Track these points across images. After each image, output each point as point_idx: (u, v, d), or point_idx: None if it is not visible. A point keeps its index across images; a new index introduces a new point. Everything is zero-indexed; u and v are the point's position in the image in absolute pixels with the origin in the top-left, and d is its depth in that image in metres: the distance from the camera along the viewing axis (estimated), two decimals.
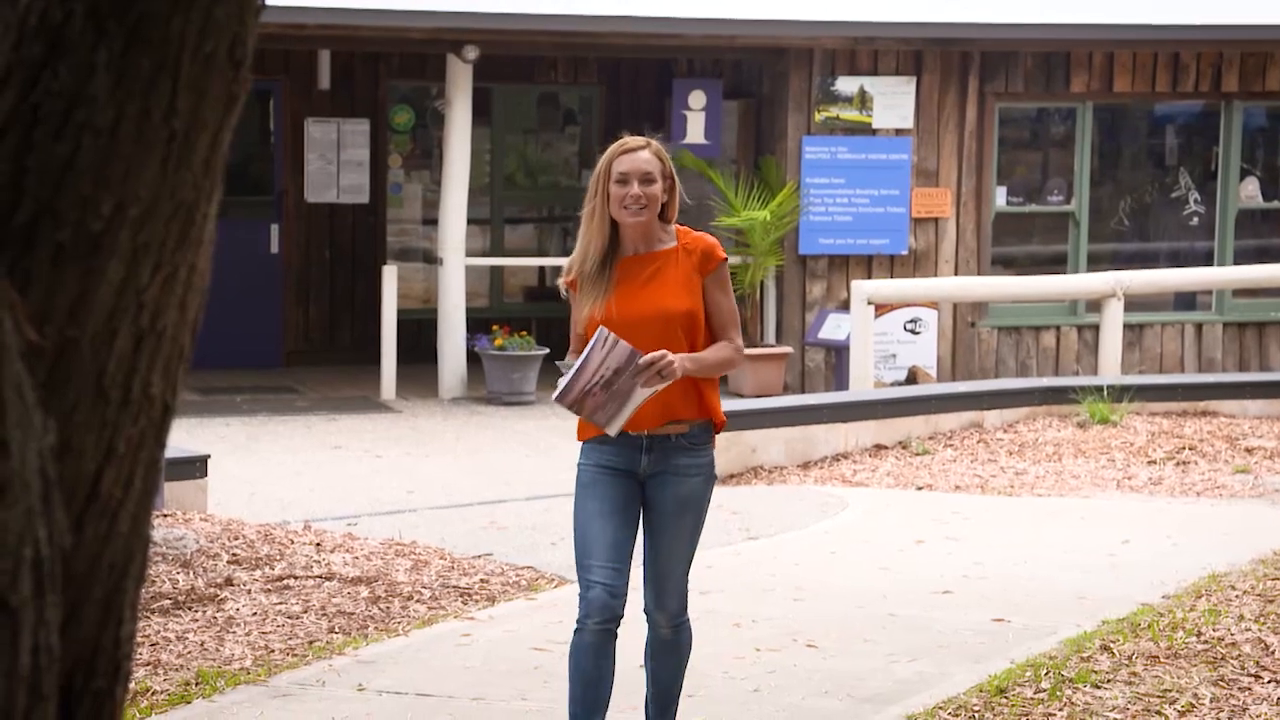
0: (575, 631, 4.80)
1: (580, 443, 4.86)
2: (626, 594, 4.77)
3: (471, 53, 13.45)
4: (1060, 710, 5.45)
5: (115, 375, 2.10)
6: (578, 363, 4.60)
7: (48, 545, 1.94)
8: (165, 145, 2.10)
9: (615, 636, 4.78)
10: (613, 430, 4.63)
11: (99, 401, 2.09)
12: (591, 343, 4.61)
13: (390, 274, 13.82)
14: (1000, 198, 14.71)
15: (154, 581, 7.09)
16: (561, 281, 4.89)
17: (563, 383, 4.61)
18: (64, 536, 1.99)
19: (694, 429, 4.79)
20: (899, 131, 14.35)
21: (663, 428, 4.73)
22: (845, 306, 13.85)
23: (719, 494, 9.91)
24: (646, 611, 4.88)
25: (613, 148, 4.83)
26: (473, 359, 13.88)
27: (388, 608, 6.90)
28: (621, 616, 4.77)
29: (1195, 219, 15.36)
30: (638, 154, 4.79)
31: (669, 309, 4.74)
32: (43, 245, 2.06)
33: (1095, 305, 13.97)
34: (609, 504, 4.74)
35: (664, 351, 4.62)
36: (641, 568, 4.87)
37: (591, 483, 4.77)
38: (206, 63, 2.11)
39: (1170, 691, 5.61)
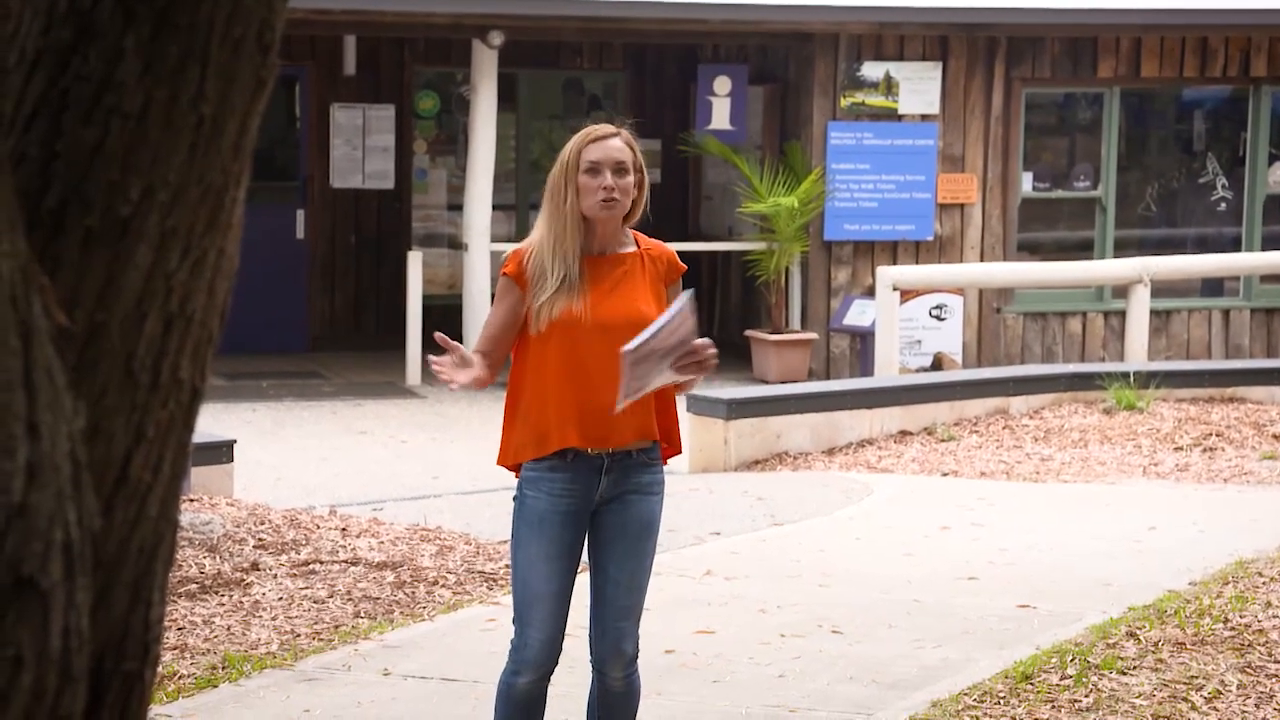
0: (505, 682, 4.39)
1: (521, 467, 4.36)
2: (563, 644, 4.38)
3: (497, 38, 13.45)
4: (1086, 697, 5.44)
5: (144, 359, 2.11)
6: (663, 318, 4.18)
7: (77, 528, 1.95)
8: (193, 130, 2.10)
9: (548, 682, 4.41)
10: (618, 406, 4.21)
11: (128, 385, 2.10)
12: (679, 303, 4.19)
13: (415, 259, 13.85)
14: (1026, 183, 14.66)
15: (181, 566, 7.12)
16: (506, 272, 4.35)
17: (642, 337, 4.16)
18: (94, 519, 2.00)
19: (653, 445, 4.39)
20: (925, 117, 14.31)
21: (627, 445, 4.33)
22: (870, 293, 13.83)
23: (745, 479, 9.93)
24: (596, 663, 4.42)
25: (578, 136, 4.36)
26: None
27: (413, 593, 6.92)
28: (556, 664, 4.39)
29: (1223, 204, 15.30)
30: (609, 141, 4.33)
31: (645, 314, 4.30)
32: (72, 229, 2.06)
33: (1122, 291, 13.92)
34: (556, 547, 4.31)
35: (709, 340, 4.26)
36: (591, 612, 4.41)
37: (540, 522, 4.31)
38: (235, 48, 2.11)
39: (1197, 678, 5.60)
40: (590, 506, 4.36)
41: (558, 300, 4.29)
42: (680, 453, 4.51)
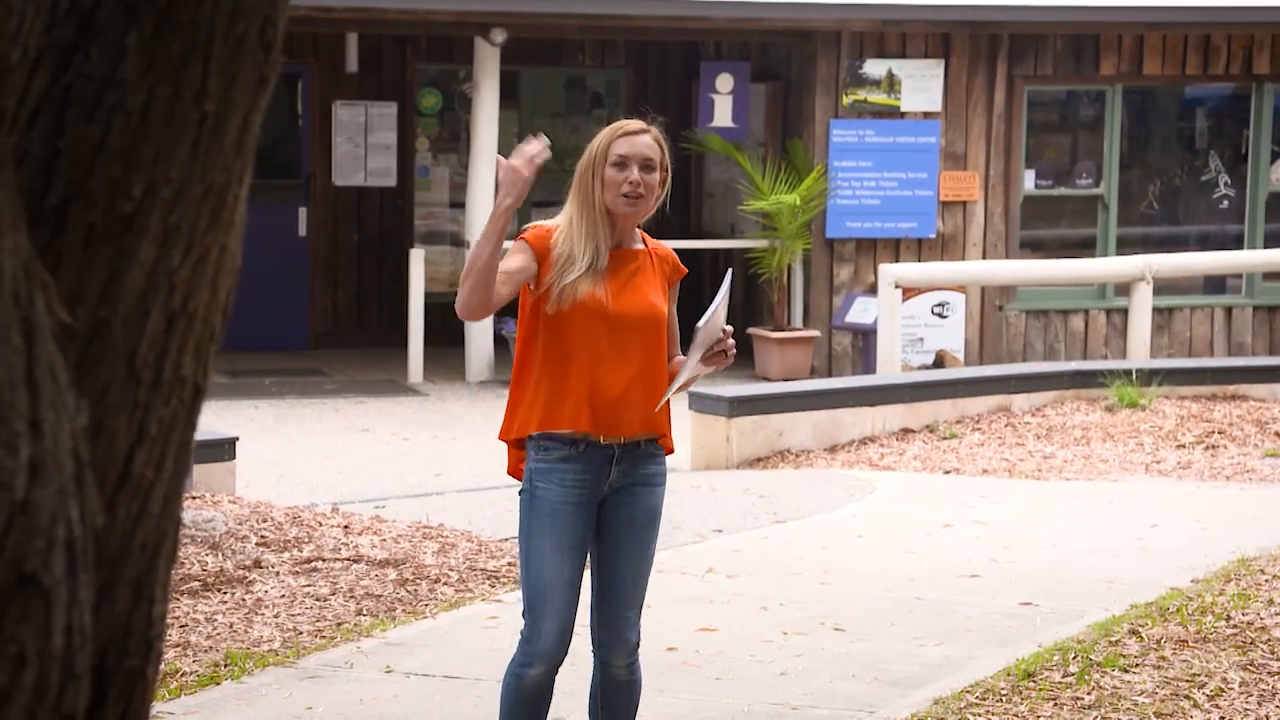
0: (514, 674, 4.40)
1: (532, 459, 4.38)
2: (573, 634, 4.41)
3: (499, 36, 13.45)
4: (1088, 694, 5.44)
5: (147, 356, 2.11)
6: (718, 298, 4.26)
7: (80, 525, 1.95)
8: (196, 127, 2.10)
9: (556, 675, 4.44)
10: (659, 403, 4.33)
11: (131, 383, 2.10)
12: (726, 283, 4.28)
13: (418, 257, 13.85)
14: (1029, 181, 14.66)
15: (183, 563, 7.12)
16: (526, 238, 4.34)
17: (706, 316, 4.24)
18: (96, 517, 2.00)
19: (655, 436, 4.43)
20: (927, 114, 14.31)
21: (635, 435, 4.37)
22: (872, 290, 13.83)
23: (747, 477, 9.93)
24: (599, 653, 4.47)
25: (609, 129, 4.39)
26: (500, 342, 13.90)
27: (415, 590, 6.92)
28: (566, 655, 4.41)
29: (1225, 202, 15.29)
30: (638, 138, 4.35)
31: (658, 310, 4.39)
32: (74, 227, 2.06)
33: (1124, 289, 13.91)
34: (567, 539, 4.33)
35: (731, 329, 4.34)
36: (594, 603, 4.46)
37: (552, 514, 4.33)
38: (237, 45, 2.11)
39: (1199, 676, 5.60)
40: (599, 497, 4.40)
41: (582, 283, 4.30)
42: (673, 451, 4.54)
